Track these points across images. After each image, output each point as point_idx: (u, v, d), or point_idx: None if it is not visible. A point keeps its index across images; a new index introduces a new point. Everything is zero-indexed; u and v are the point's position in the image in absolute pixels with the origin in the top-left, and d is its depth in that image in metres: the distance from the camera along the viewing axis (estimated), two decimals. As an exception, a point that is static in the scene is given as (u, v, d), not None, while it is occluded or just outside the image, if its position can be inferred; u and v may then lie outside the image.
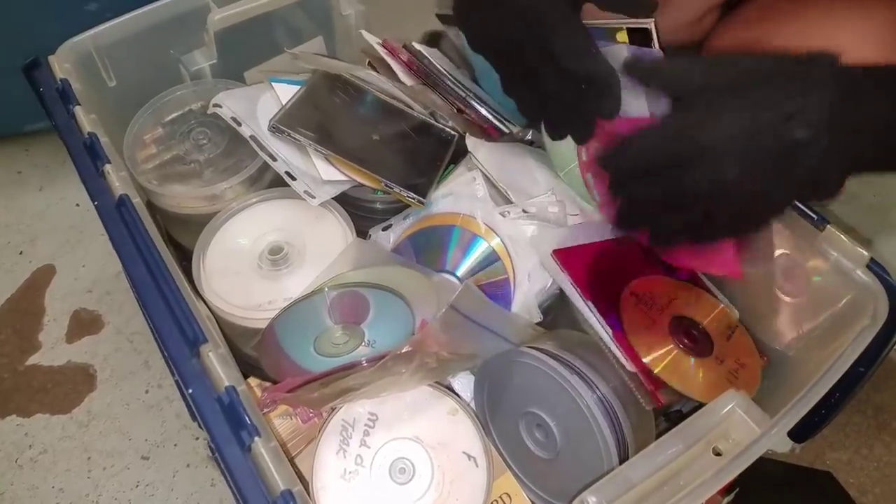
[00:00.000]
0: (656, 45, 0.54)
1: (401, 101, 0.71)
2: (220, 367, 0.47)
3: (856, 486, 0.83)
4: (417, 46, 0.71)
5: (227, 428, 0.45)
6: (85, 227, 0.98)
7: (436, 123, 0.70)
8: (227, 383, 0.46)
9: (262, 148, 0.64)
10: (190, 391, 0.46)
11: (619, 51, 0.56)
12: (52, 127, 0.63)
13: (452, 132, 0.70)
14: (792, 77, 0.40)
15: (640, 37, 0.55)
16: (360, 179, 0.64)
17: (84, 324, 0.89)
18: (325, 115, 0.67)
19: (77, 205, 1.00)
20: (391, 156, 0.66)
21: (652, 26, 0.53)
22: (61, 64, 0.65)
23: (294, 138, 0.63)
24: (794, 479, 0.83)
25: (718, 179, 0.40)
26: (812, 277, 0.59)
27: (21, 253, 0.96)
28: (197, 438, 0.80)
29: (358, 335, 0.58)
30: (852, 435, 0.86)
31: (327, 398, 0.52)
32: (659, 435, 0.52)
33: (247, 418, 0.44)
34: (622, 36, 0.55)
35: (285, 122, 0.64)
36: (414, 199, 0.63)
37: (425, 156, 0.67)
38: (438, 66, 0.70)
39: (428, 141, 0.69)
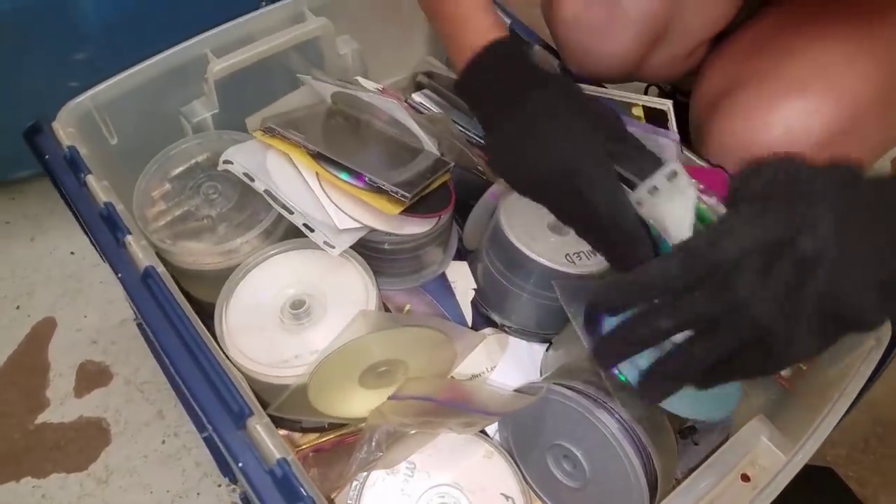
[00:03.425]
0: (673, 126, 0.56)
1: (402, 128, 0.72)
2: (268, 439, 0.47)
3: (855, 479, 0.86)
4: (417, 98, 0.72)
5: (282, 501, 0.45)
6: (83, 276, 0.97)
7: (433, 150, 0.71)
8: (278, 456, 0.46)
9: (277, 201, 0.64)
10: (240, 465, 0.47)
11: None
12: (38, 173, 0.62)
13: (448, 160, 0.71)
14: (799, 190, 0.39)
15: (656, 115, 0.56)
16: (341, 187, 0.64)
17: (92, 376, 0.88)
18: (322, 128, 0.70)
19: (72, 253, 0.99)
20: (379, 161, 0.67)
21: (669, 107, 0.55)
22: (65, 129, 0.65)
23: (284, 136, 0.65)
24: (796, 477, 0.87)
25: (735, 298, 0.38)
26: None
27: (18, 307, 0.94)
28: (219, 486, 0.80)
29: None
30: (848, 430, 0.89)
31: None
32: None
33: (303, 490, 0.45)
34: (638, 111, 0.57)
35: (278, 123, 0.66)
36: (397, 192, 0.63)
37: (416, 170, 0.67)
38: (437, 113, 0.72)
39: (421, 161, 0.69)
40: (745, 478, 0.52)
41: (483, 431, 0.62)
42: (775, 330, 0.38)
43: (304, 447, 0.58)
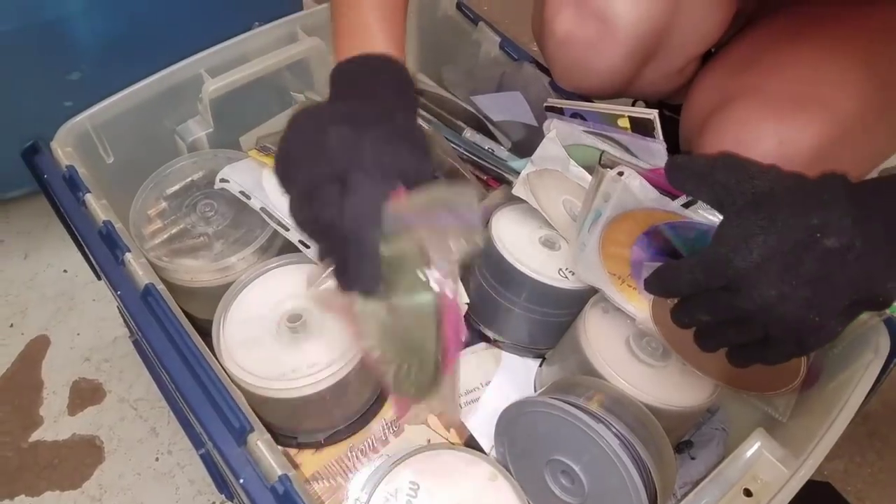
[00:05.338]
0: (659, 134, 0.56)
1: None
2: (269, 455, 0.47)
3: (853, 493, 0.86)
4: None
5: (284, 518, 0.45)
6: (75, 294, 0.96)
7: None
8: (279, 472, 0.46)
9: (273, 218, 0.64)
10: (241, 481, 0.47)
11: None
12: (32, 192, 0.62)
13: (439, 176, 0.71)
14: (808, 194, 0.41)
15: (642, 124, 0.57)
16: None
17: (85, 394, 0.88)
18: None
19: (65, 271, 0.99)
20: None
21: (655, 116, 0.55)
22: (63, 148, 0.65)
23: None
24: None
25: (763, 301, 0.41)
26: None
27: (12, 325, 0.94)
28: (213, 504, 0.80)
29: None
30: (844, 444, 0.90)
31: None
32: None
33: (305, 507, 0.45)
34: (623, 122, 0.58)
35: (272, 141, 0.67)
36: None
37: None
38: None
39: None
40: (748, 493, 0.52)
41: (480, 449, 0.62)
42: (806, 323, 0.42)
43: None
